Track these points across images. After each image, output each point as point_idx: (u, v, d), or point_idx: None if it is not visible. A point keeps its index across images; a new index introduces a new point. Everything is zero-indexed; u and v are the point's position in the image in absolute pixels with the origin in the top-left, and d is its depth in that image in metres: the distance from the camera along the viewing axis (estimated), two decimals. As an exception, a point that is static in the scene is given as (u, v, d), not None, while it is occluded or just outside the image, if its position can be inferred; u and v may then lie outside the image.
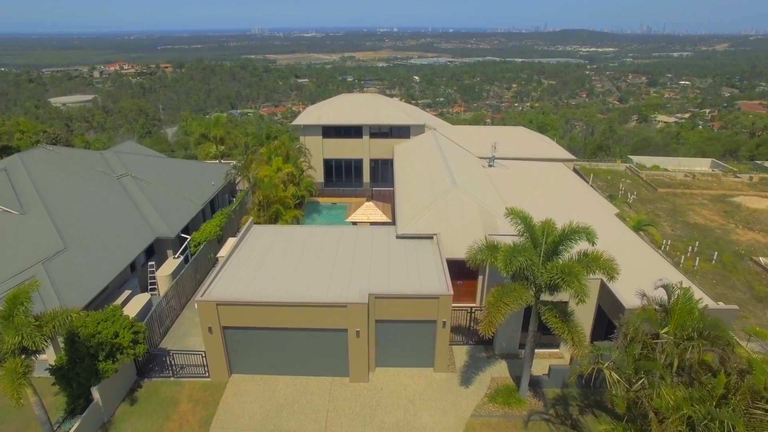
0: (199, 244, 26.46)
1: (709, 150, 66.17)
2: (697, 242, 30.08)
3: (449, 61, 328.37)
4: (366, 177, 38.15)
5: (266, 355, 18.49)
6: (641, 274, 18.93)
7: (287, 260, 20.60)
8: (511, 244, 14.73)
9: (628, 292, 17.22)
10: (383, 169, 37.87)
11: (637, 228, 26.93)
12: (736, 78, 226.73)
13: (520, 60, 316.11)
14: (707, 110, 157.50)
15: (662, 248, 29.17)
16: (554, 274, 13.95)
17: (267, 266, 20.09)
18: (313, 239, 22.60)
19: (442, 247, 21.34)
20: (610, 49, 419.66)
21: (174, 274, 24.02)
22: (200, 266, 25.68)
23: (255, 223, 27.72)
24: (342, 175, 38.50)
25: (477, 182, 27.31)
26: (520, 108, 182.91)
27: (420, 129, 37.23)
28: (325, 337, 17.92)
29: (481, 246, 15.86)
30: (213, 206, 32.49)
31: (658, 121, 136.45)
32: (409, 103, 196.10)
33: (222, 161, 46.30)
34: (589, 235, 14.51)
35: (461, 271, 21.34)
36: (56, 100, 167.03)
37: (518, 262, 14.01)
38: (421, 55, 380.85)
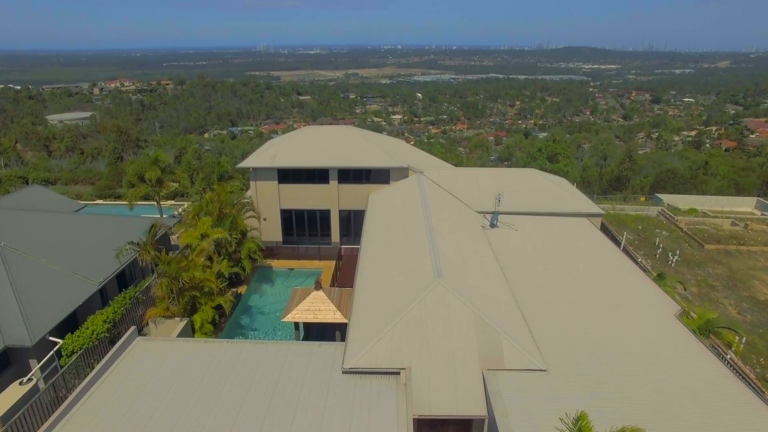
0: (73, 353, 18.46)
1: (744, 183, 57.90)
2: (783, 340, 21.74)
3: (452, 78, 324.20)
4: (335, 233, 30.19)
5: None
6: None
7: (153, 425, 12.49)
8: None
9: None
10: (357, 222, 29.80)
11: (706, 330, 18.73)
12: (740, 95, 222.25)
13: (523, 77, 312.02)
14: (713, 128, 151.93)
15: (734, 350, 20.83)
16: None
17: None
18: (213, 372, 14.50)
19: (414, 396, 13.25)
20: (613, 66, 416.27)
21: (11, 414, 15.89)
22: (70, 390, 17.61)
23: (156, 320, 19.84)
24: (305, 229, 30.53)
25: (473, 264, 19.19)
26: (524, 125, 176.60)
27: (403, 172, 29.32)
28: None
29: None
30: (122, 282, 24.40)
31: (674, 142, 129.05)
32: (412, 120, 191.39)
33: (172, 204, 38.81)
34: None
35: (446, 423, 13.77)
36: (53, 117, 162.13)
37: None
38: (425, 71, 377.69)
